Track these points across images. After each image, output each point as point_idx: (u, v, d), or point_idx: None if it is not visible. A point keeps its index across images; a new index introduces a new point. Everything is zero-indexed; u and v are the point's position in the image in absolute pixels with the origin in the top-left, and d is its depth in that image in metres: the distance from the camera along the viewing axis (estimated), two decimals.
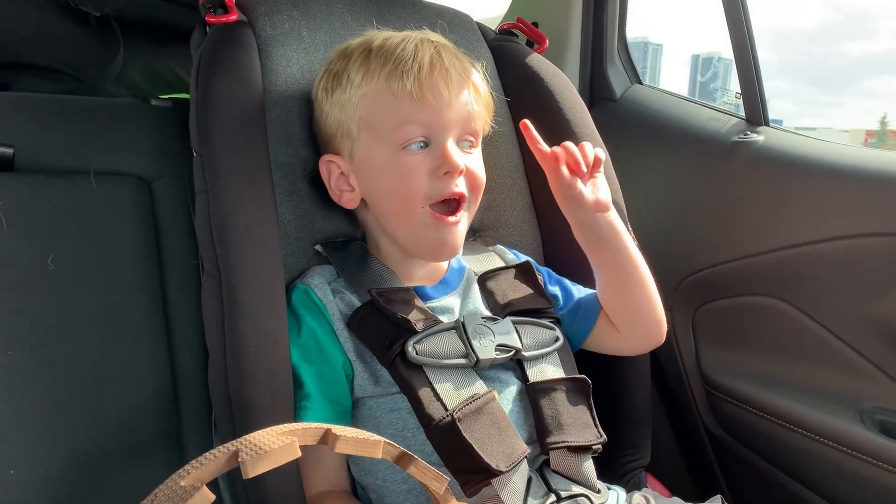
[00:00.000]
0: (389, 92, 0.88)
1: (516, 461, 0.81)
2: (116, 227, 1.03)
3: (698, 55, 28.70)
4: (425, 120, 0.88)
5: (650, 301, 0.99)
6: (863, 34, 40.77)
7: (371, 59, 0.89)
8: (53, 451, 0.92)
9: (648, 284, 0.99)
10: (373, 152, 0.90)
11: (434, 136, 0.89)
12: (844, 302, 1.15)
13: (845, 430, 1.11)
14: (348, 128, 0.91)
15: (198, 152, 0.89)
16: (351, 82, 0.90)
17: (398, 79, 0.87)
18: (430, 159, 0.89)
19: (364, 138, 0.90)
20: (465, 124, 0.91)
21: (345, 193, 0.95)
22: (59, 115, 1.08)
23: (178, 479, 0.51)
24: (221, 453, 0.53)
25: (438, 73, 0.88)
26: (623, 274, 0.98)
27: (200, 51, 0.94)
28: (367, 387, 0.88)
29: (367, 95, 0.89)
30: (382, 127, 0.89)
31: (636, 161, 1.42)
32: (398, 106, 0.88)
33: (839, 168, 1.17)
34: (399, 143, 0.88)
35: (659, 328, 1.01)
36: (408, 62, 0.87)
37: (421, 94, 0.87)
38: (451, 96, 0.88)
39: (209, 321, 0.87)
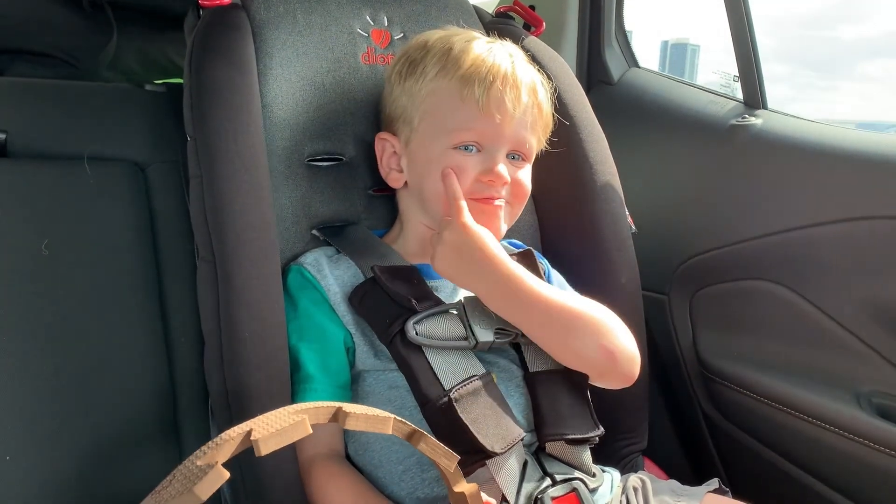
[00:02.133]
0: (458, 95, 0.90)
1: (512, 443, 0.81)
2: (111, 212, 1.02)
3: (668, 41, 28.65)
4: (484, 130, 0.90)
5: (585, 342, 0.86)
6: (858, 18, 40.38)
7: (450, 58, 0.91)
8: (49, 438, 0.92)
9: (577, 326, 0.86)
10: (428, 144, 0.92)
11: (487, 146, 0.92)
12: (842, 285, 1.15)
13: (842, 414, 1.11)
14: (411, 116, 0.94)
15: (192, 137, 0.89)
16: (425, 75, 0.92)
17: (469, 85, 0.89)
18: (479, 163, 0.91)
19: (423, 130, 0.93)
20: (521, 142, 0.94)
21: (393, 172, 0.98)
22: (53, 100, 1.07)
23: (196, 459, 0.53)
24: (236, 434, 0.55)
25: (509, 88, 0.90)
26: (539, 330, 0.88)
27: (194, 34, 0.94)
28: (367, 360, 0.88)
29: (436, 92, 0.91)
30: (442, 125, 0.91)
31: (634, 145, 1.42)
32: (462, 110, 0.90)
33: (837, 151, 1.16)
34: (453, 143, 0.91)
35: (612, 366, 0.87)
36: (483, 71, 0.89)
37: (487, 105, 0.89)
38: (514, 113, 0.90)
39: (205, 307, 0.87)
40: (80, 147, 1.03)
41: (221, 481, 0.51)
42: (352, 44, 1.05)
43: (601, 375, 0.90)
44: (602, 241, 1.09)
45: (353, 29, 1.06)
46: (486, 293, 0.87)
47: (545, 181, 1.14)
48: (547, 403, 0.88)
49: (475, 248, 0.86)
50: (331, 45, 1.03)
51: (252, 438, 0.54)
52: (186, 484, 0.51)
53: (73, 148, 1.03)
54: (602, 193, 1.09)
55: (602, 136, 1.12)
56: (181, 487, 0.51)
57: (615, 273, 1.08)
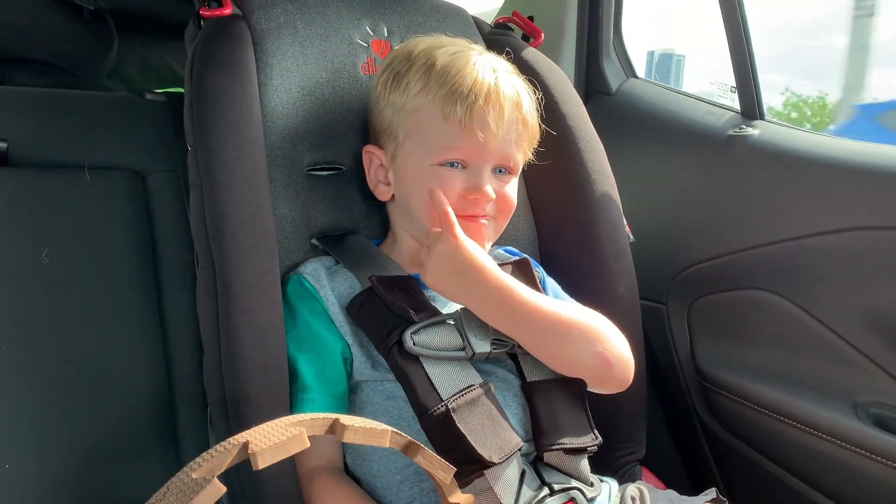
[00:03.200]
0: (441, 113, 0.90)
1: (509, 453, 0.81)
2: (111, 221, 1.03)
3: (654, 51, 28.94)
4: (468, 148, 0.91)
5: (580, 350, 0.88)
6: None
7: (432, 73, 0.91)
8: (48, 445, 0.92)
9: (572, 334, 0.88)
10: (413, 161, 0.93)
11: (472, 164, 0.92)
12: (839, 295, 1.15)
13: (840, 424, 1.11)
14: (396, 132, 0.94)
15: (192, 146, 0.89)
16: (409, 90, 0.92)
17: (452, 104, 0.89)
18: (464, 179, 0.91)
19: (408, 147, 0.93)
20: (506, 157, 0.94)
21: (380, 185, 0.98)
22: (53, 109, 1.08)
23: (190, 471, 0.52)
24: (232, 445, 0.54)
25: (491, 107, 0.89)
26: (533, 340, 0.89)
27: (195, 45, 0.94)
28: (365, 371, 0.89)
29: (420, 109, 0.91)
30: (427, 143, 0.91)
31: (632, 155, 1.42)
32: (446, 129, 0.90)
33: (834, 161, 1.17)
34: (438, 161, 0.91)
35: (607, 372, 0.89)
36: (464, 90, 0.89)
37: (469, 124, 0.89)
38: (497, 131, 0.90)
39: (204, 316, 0.87)
40: (80, 156, 1.03)
41: (218, 495, 0.51)
42: (352, 54, 1.05)
43: (597, 381, 0.91)
44: (600, 250, 1.09)
45: (352, 39, 1.06)
46: (479, 306, 0.87)
47: (544, 191, 1.15)
48: (545, 413, 0.88)
49: (466, 262, 0.86)
50: (331, 56, 1.04)
51: (249, 451, 0.54)
52: (182, 498, 0.50)
53: (73, 157, 1.03)
54: (600, 203, 1.09)
55: (600, 146, 1.13)
56: (176, 501, 0.51)
57: (613, 282, 1.09)
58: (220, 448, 0.54)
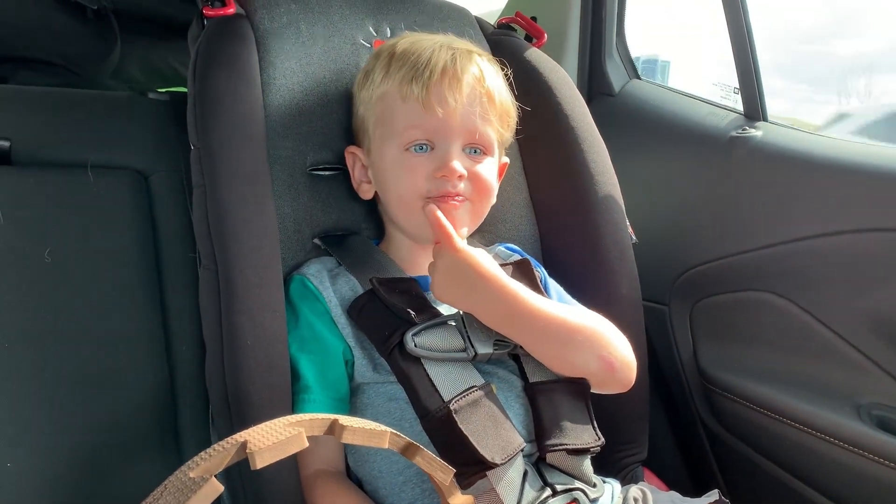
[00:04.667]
0: (400, 95, 0.91)
1: (512, 454, 0.81)
2: (113, 220, 1.03)
3: (639, 56, 29.15)
4: (430, 126, 0.91)
5: (584, 354, 0.88)
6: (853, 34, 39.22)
7: (392, 61, 0.93)
8: (51, 444, 0.92)
9: (576, 339, 0.87)
10: (383, 150, 0.93)
11: (438, 142, 0.92)
12: (842, 297, 1.15)
13: (842, 426, 1.11)
14: (367, 125, 0.96)
15: (195, 146, 0.89)
16: (373, 82, 0.94)
17: (408, 83, 0.90)
18: (431, 161, 0.91)
19: (378, 136, 0.94)
20: (471, 132, 0.93)
21: (363, 184, 0.99)
22: (56, 109, 1.08)
23: (188, 470, 0.52)
24: (230, 444, 0.53)
25: (449, 81, 0.90)
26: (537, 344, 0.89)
27: (198, 44, 0.94)
28: (366, 373, 0.88)
29: (383, 97, 0.93)
30: (391, 128, 0.92)
31: (634, 156, 1.42)
32: (406, 110, 0.91)
33: (837, 163, 1.17)
34: (404, 143, 0.91)
35: (610, 376, 0.89)
36: (420, 68, 0.90)
37: (427, 101, 0.89)
38: (457, 105, 0.90)
39: (206, 315, 0.87)
40: (83, 155, 1.04)
41: (215, 495, 0.51)
42: (355, 54, 1.05)
43: (599, 384, 0.91)
44: (603, 251, 1.09)
45: (356, 40, 1.06)
46: (484, 313, 0.87)
47: (546, 192, 1.15)
48: (548, 414, 0.87)
49: (468, 271, 0.85)
50: (334, 56, 1.04)
51: (248, 451, 0.53)
52: (179, 497, 0.50)
53: (76, 156, 1.03)
54: (603, 204, 1.09)
55: (603, 146, 1.13)
56: (173, 500, 0.50)
57: (616, 283, 1.08)
58: (219, 447, 0.53)
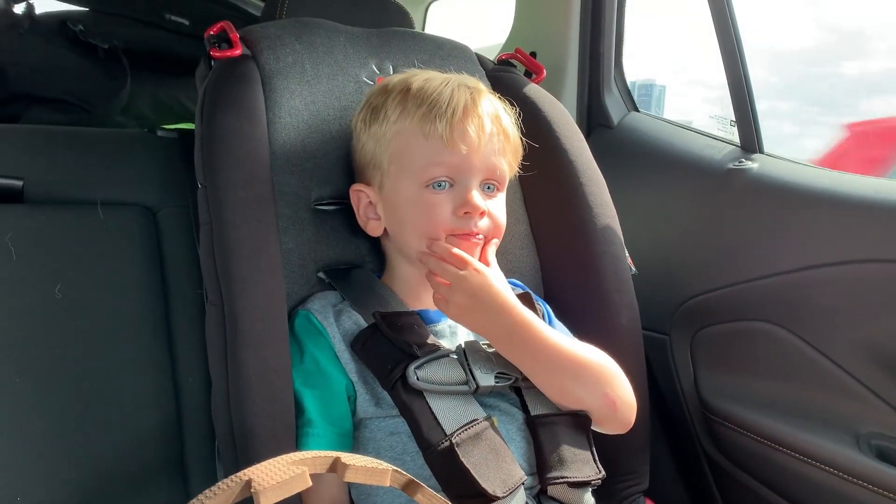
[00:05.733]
0: (422, 132, 0.91)
1: (513, 487, 0.82)
2: (122, 256, 1.05)
3: (634, 81, 29.36)
4: (452, 163, 0.91)
5: (589, 390, 0.90)
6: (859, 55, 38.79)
7: (409, 98, 0.93)
8: (59, 477, 0.93)
9: (583, 374, 0.89)
10: (400, 186, 0.93)
11: (459, 179, 0.92)
12: (841, 327, 1.15)
13: (843, 456, 1.11)
14: (380, 161, 0.95)
15: (203, 184, 0.91)
16: (387, 118, 0.93)
17: (431, 121, 0.90)
18: (452, 199, 0.92)
19: (394, 172, 0.94)
20: (491, 170, 0.94)
21: (371, 221, 0.98)
22: (67, 147, 1.10)
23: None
24: (234, 483, 0.54)
25: (470, 119, 0.91)
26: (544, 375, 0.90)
27: (205, 85, 0.97)
28: (368, 408, 0.89)
29: (401, 133, 0.92)
30: (411, 164, 0.92)
31: (633, 187, 1.44)
32: (428, 147, 0.91)
33: (834, 195, 1.18)
34: (425, 181, 0.91)
35: (612, 414, 0.91)
36: (442, 106, 0.91)
37: (451, 138, 0.90)
38: (479, 143, 0.91)
39: (212, 350, 0.89)
40: (93, 192, 1.05)
41: None
42: (358, 92, 1.08)
43: (600, 421, 0.92)
44: (603, 282, 1.10)
45: (359, 78, 1.09)
46: (500, 339, 0.88)
47: (546, 224, 1.16)
48: (549, 446, 0.88)
49: (491, 297, 0.87)
50: (338, 94, 1.06)
51: (252, 490, 0.54)
52: None
53: (86, 193, 1.05)
54: (602, 235, 1.11)
55: (601, 179, 1.14)
56: None
57: (616, 314, 1.09)
58: (223, 485, 0.54)
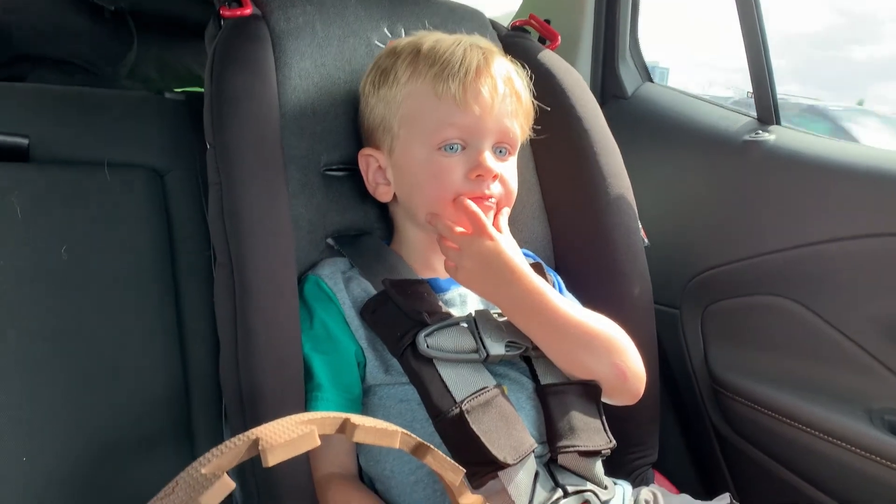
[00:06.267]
0: (434, 93, 0.89)
1: (524, 455, 0.81)
2: (129, 218, 1.04)
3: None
4: (465, 124, 0.90)
5: (599, 360, 0.88)
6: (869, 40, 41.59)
7: (419, 59, 0.91)
8: (65, 440, 0.93)
9: (594, 343, 0.88)
10: (411, 149, 0.92)
11: (471, 141, 0.91)
12: (854, 302, 1.14)
13: (854, 430, 1.10)
14: (390, 124, 0.93)
15: (211, 144, 0.90)
16: (398, 80, 0.92)
17: (443, 81, 0.89)
18: (464, 162, 0.90)
19: (404, 135, 0.92)
20: (503, 132, 0.92)
21: (380, 186, 0.97)
22: (74, 107, 1.09)
23: (199, 466, 0.52)
24: (242, 442, 0.53)
25: (484, 80, 0.89)
26: (555, 344, 0.89)
27: (215, 44, 0.95)
28: (377, 375, 0.89)
29: (412, 94, 0.91)
30: (423, 126, 0.90)
31: (647, 159, 1.42)
32: (440, 107, 0.89)
33: (850, 167, 1.17)
34: (436, 143, 0.90)
35: (621, 384, 0.90)
36: (455, 66, 0.89)
37: (464, 99, 0.88)
38: (493, 104, 0.90)
39: (221, 313, 0.88)
40: (100, 153, 1.04)
41: (227, 491, 0.51)
42: (370, 56, 1.06)
43: (609, 392, 0.91)
44: (615, 254, 1.09)
45: (370, 41, 1.07)
46: (510, 307, 0.88)
47: (559, 194, 1.15)
48: (559, 415, 0.87)
49: (503, 263, 0.86)
50: (349, 57, 1.04)
51: (259, 448, 0.53)
52: (191, 493, 0.50)
53: (93, 154, 1.04)
54: (615, 206, 1.09)
55: (616, 149, 1.13)
56: (185, 496, 0.50)
57: (628, 286, 1.09)
58: (230, 444, 0.54)
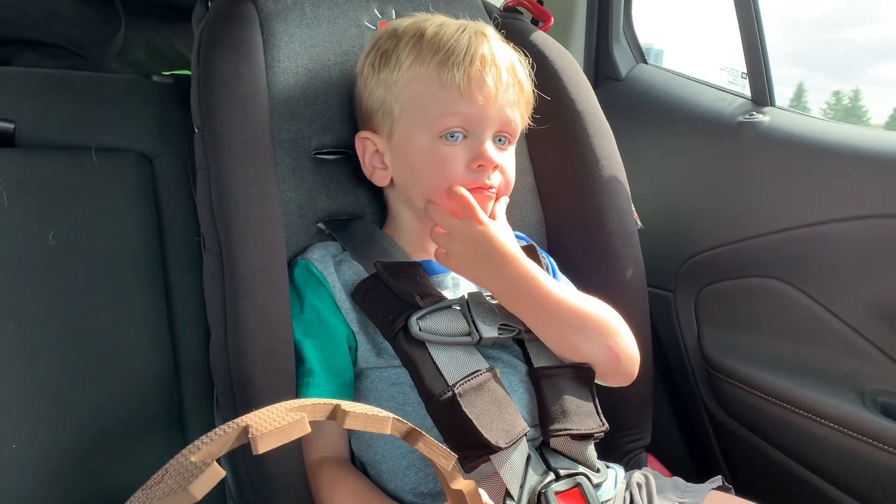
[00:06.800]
0: (438, 80, 0.88)
1: (516, 438, 0.81)
2: (118, 203, 1.03)
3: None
4: (468, 113, 0.89)
5: (592, 343, 0.88)
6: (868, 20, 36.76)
7: (423, 44, 0.90)
8: (55, 427, 0.93)
9: (587, 326, 0.88)
10: (412, 135, 0.91)
11: (473, 130, 0.90)
12: (848, 284, 1.14)
13: (846, 412, 1.11)
14: (391, 108, 0.92)
15: (199, 128, 0.89)
16: (400, 64, 0.90)
17: (448, 69, 0.88)
18: (466, 151, 0.90)
19: (405, 120, 0.91)
20: (505, 122, 0.92)
21: (377, 171, 0.96)
22: (61, 91, 1.07)
23: (189, 454, 0.51)
24: (231, 429, 0.53)
25: (488, 69, 0.89)
26: (548, 329, 0.89)
27: (202, 26, 0.94)
28: (369, 358, 0.88)
29: (415, 80, 0.90)
30: (425, 113, 0.89)
31: (641, 141, 1.41)
32: (444, 96, 0.88)
33: (844, 149, 1.16)
34: (438, 131, 0.89)
35: (615, 367, 0.90)
36: (460, 54, 0.88)
37: (469, 88, 0.88)
38: (496, 94, 0.89)
39: (210, 298, 0.88)
40: (87, 137, 1.03)
41: (217, 479, 0.50)
42: (360, 37, 1.04)
43: (603, 374, 0.91)
44: (608, 236, 1.08)
45: (361, 22, 1.06)
46: (503, 292, 0.87)
47: (552, 177, 1.14)
48: (552, 399, 0.87)
49: (493, 248, 0.86)
50: (338, 38, 1.03)
51: (249, 435, 0.53)
52: (180, 481, 0.50)
53: (80, 138, 1.03)
54: (608, 188, 1.09)
55: (609, 131, 1.12)
56: (175, 485, 0.50)
57: (621, 269, 1.08)
58: (220, 431, 0.53)
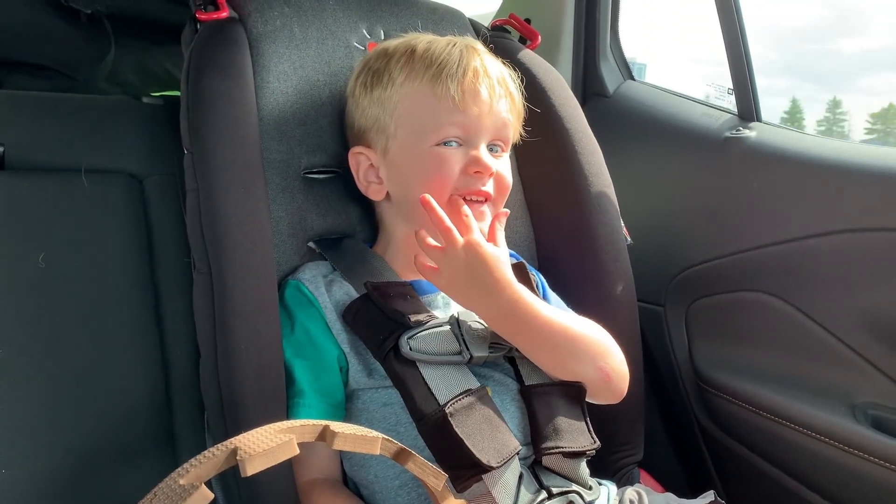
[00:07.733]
0: (432, 94, 0.90)
1: (507, 457, 0.81)
2: (108, 224, 1.03)
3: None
4: (464, 123, 0.91)
5: (583, 364, 0.88)
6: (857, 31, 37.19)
7: (415, 60, 0.92)
8: (45, 449, 0.92)
9: (578, 349, 0.88)
10: (408, 147, 0.92)
11: (469, 139, 0.92)
12: (836, 297, 1.15)
13: (838, 426, 1.11)
14: (385, 124, 0.93)
15: (189, 150, 0.89)
16: (392, 81, 0.92)
17: (442, 82, 0.90)
18: (462, 156, 0.91)
19: (402, 135, 0.93)
20: (499, 131, 0.94)
21: (372, 185, 0.97)
22: (50, 113, 1.08)
23: (178, 477, 0.51)
24: (220, 451, 0.53)
25: (481, 80, 0.91)
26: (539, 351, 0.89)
27: (191, 48, 0.94)
28: (360, 379, 0.88)
29: (409, 95, 0.92)
30: (422, 126, 0.91)
31: (629, 157, 1.42)
32: (439, 108, 0.90)
33: (830, 163, 1.17)
34: (435, 140, 0.91)
35: (605, 386, 0.90)
36: (452, 67, 0.90)
37: (463, 99, 0.90)
38: (490, 103, 0.91)
39: (200, 319, 0.87)
40: (77, 159, 1.03)
41: (206, 502, 0.50)
42: (348, 57, 1.05)
43: (593, 394, 0.91)
44: (598, 252, 1.09)
45: (349, 43, 1.06)
46: (494, 318, 0.87)
47: (541, 193, 1.15)
48: (543, 416, 0.87)
49: (485, 273, 0.84)
50: (327, 59, 1.04)
51: (238, 458, 0.53)
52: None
53: (70, 160, 1.03)
54: (597, 205, 1.09)
55: (597, 148, 1.13)
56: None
57: (611, 284, 1.08)
58: (209, 454, 0.53)
